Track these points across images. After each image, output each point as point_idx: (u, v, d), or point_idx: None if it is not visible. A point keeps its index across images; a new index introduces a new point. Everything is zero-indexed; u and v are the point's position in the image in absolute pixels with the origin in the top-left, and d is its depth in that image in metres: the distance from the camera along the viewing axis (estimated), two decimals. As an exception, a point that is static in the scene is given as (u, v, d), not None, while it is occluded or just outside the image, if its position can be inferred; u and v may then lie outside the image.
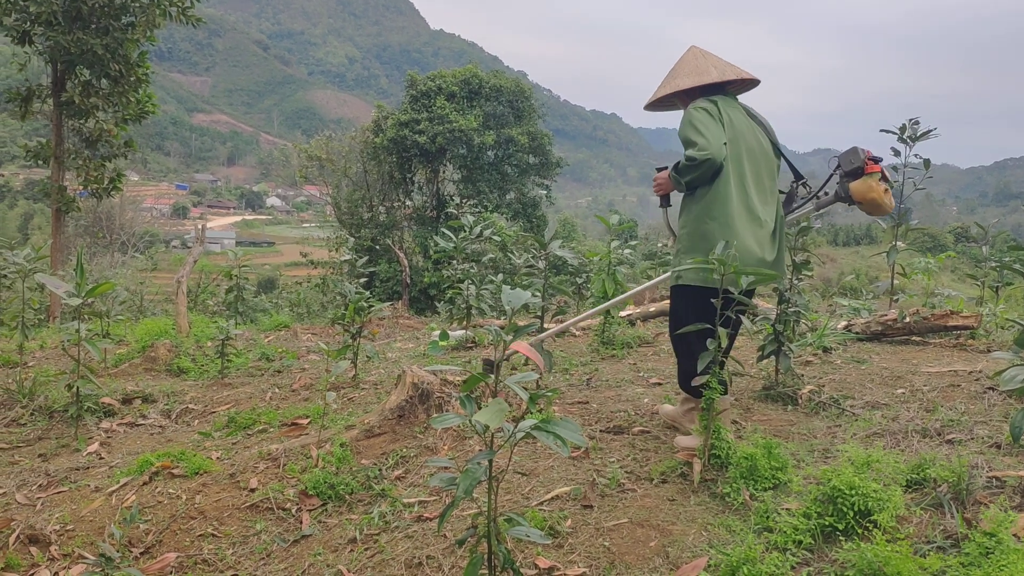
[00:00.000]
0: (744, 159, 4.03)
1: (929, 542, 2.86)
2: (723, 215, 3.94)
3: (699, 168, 3.88)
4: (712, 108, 3.99)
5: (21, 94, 15.18)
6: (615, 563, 3.07)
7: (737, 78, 4.18)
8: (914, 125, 7.29)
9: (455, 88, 29.14)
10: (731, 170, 3.96)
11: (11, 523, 3.83)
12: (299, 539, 3.64)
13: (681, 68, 4.24)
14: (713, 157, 3.83)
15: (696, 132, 3.91)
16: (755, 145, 4.11)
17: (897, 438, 4.02)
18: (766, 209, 4.08)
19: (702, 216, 3.99)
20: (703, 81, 4.12)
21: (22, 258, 6.29)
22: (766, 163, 4.16)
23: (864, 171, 4.08)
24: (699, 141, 3.87)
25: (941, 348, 6.20)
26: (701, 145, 3.85)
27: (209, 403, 5.79)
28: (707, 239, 3.93)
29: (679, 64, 4.28)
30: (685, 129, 3.98)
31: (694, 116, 3.96)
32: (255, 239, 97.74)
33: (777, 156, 4.26)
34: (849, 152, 4.14)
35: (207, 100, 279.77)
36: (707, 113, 3.96)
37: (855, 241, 65.97)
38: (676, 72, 4.25)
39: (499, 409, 2.27)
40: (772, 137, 4.25)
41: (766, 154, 4.17)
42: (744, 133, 4.07)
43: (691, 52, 4.30)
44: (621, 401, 5.07)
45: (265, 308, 15.28)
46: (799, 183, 4.44)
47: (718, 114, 3.98)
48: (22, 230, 51.21)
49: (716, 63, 4.20)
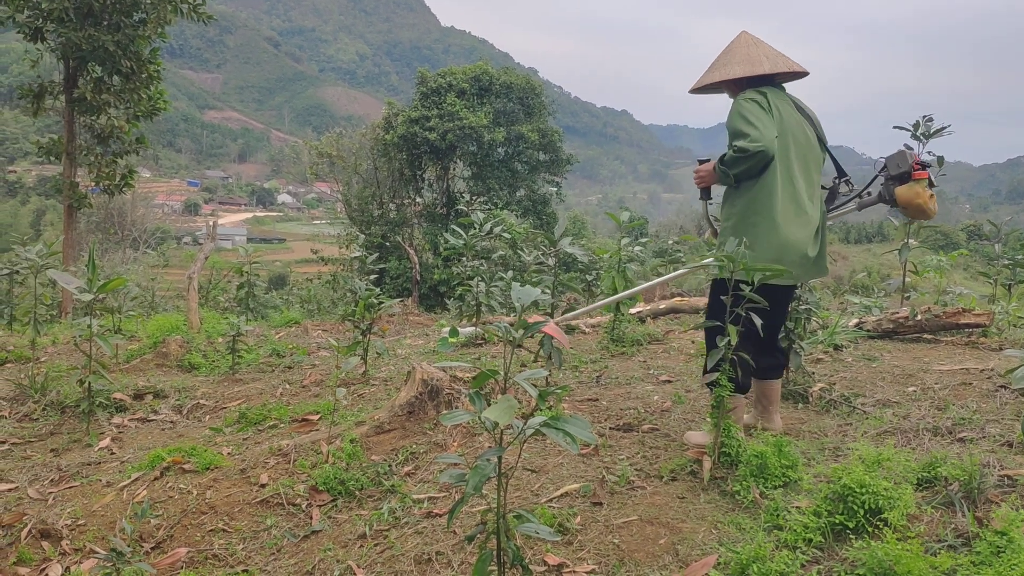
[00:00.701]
0: (792, 153, 3.98)
1: (940, 541, 2.84)
2: (769, 210, 3.90)
3: (750, 160, 3.82)
4: (763, 100, 3.93)
5: (33, 91, 15.25)
6: (624, 560, 3.07)
7: (788, 70, 4.10)
8: (928, 122, 7.25)
9: (465, 85, 29.15)
10: (779, 163, 3.91)
11: (23, 518, 3.86)
12: (309, 534, 3.65)
13: (733, 55, 4.14)
14: (765, 149, 3.77)
15: (747, 123, 3.84)
16: (802, 138, 4.06)
17: (908, 436, 4.01)
18: (812, 204, 4.04)
19: (747, 210, 3.95)
20: (755, 71, 4.04)
21: (34, 254, 6.32)
22: (813, 157, 4.11)
23: (911, 176, 4.03)
24: (751, 132, 3.80)
25: (953, 346, 6.17)
26: (753, 136, 3.79)
27: (220, 399, 5.81)
28: (752, 233, 3.89)
29: (730, 50, 4.18)
30: (734, 120, 3.92)
31: (744, 107, 3.90)
32: (266, 236, 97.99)
33: (823, 151, 4.22)
34: (897, 155, 4.06)
35: (218, 97, 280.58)
36: (758, 105, 3.90)
37: (867, 239, 65.76)
38: (728, 59, 4.15)
39: (508, 406, 2.27)
40: (819, 131, 4.20)
41: (813, 148, 4.12)
42: (792, 126, 4.01)
43: (742, 39, 4.20)
44: (631, 399, 5.07)
45: (276, 304, 15.34)
46: (842, 180, 4.37)
47: (768, 106, 3.91)
48: (34, 226, 51.49)
49: (768, 52, 4.11)
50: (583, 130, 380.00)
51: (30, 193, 71.98)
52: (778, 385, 4.23)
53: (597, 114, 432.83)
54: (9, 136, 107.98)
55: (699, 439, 4.01)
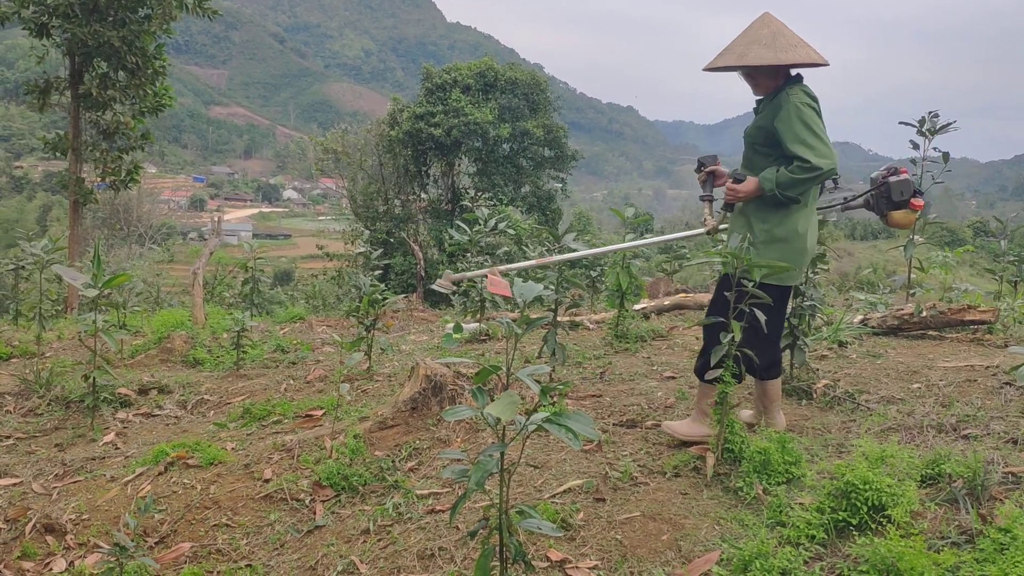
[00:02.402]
0: None
1: (943, 538, 2.84)
2: (802, 222, 3.89)
3: (817, 180, 3.69)
4: (817, 106, 3.77)
5: (39, 86, 15.28)
6: (627, 556, 3.07)
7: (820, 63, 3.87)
8: (933, 118, 7.23)
9: (471, 81, 29.12)
10: None
11: (27, 512, 3.87)
12: (312, 530, 3.66)
13: (784, 38, 3.80)
14: (834, 168, 3.68)
15: (815, 136, 3.66)
16: None
17: (912, 433, 4.00)
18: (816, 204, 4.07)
19: (782, 226, 3.86)
20: (812, 60, 3.78)
21: (39, 249, 6.33)
22: None
23: (909, 204, 4.04)
24: (818, 147, 3.64)
25: (958, 343, 6.16)
26: (822, 152, 3.63)
27: (224, 394, 5.82)
28: (784, 249, 3.86)
29: (780, 32, 3.83)
30: (798, 128, 3.67)
31: (807, 114, 3.69)
32: (272, 232, 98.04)
33: None
34: (902, 183, 4.06)
35: (224, 93, 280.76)
36: (817, 113, 3.74)
37: (872, 235, 65.55)
38: (781, 41, 3.78)
39: (511, 402, 2.27)
40: None
41: None
42: None
43: (775, 20, 3.91)
44: (634, 395, 5.06)
45: (281, 300, 15.37)
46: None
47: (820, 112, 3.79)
48: (40, 222, 51.54)
49: (800, 41, 3.86)
50: (588, 126, 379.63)
51: (36, 189, 72.10)
52: (779, 384, 4.20)
53: (603, 110, 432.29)
54: (15, 132, 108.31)
55: (682, 429, 4.03)
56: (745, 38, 3.87)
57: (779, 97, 3.83)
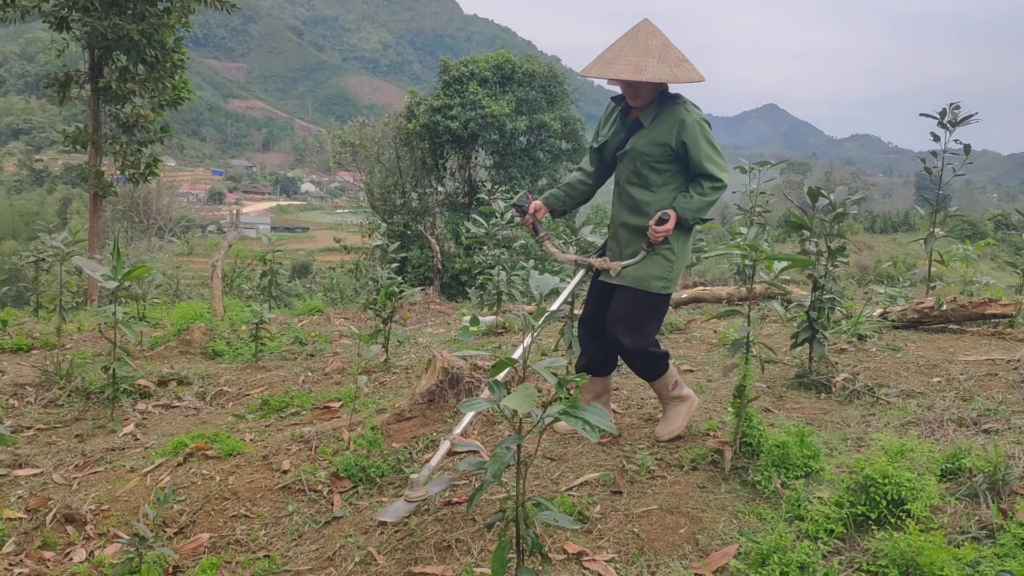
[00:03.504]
0: None
1: (963, 532, 2.82)
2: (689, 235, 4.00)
3: (722, 194, 3.80)
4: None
5: (59, 79, 15.39)
6: (644, 549, 3.07)
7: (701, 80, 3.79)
8: (955, 110, 7.16)
9: (488, 73, 29.06)
10: None
11: (48, 502, 3.91)
12: (330, 521, 3.67)
13: (671, 53, 3.70)
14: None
15: (717, 152, 3.76)
16: None
17: (932, 427, 3.97)
18: None
19: (691, 236, 4.03)
20: (699, 77, 3.72)
21: (60, 242, 6.39)
22: None
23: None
24: (721, 163, 3.74)
25: (978, 336, 6.10)
26: (724, 167, 3.75)
27: (243, 386, 5.85)
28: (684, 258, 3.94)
29: (668, 45, 3.71)
30: (705, 145, 3.71)
31: (709, 132, 3.76)
32: (290, 224, 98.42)
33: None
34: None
35: (242, 86, 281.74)
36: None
37: (892, 228, 65.07)
38: (669, 57, 3.67)
39: (528, 394, 2.27)
40: None
41: None
42: None
43: (658, 30, 3.77)
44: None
45: (299, 293, 15.41)
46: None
47: None
48: (61, 215, 52.01)
49: (683, 55, 3.76)
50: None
51: (56, 182, 72.64)
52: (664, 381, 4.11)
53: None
54: (36, 125, 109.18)
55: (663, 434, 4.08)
56: (634, 48, 3.68)
57: (675, 112, 3.75)
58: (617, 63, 3.65)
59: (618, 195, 3.98)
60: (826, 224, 4.77)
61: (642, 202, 3.86)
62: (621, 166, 3.94)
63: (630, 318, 3.91)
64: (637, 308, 3.93)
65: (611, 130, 4.00)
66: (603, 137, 4.03)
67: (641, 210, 3.86)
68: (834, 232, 4.80)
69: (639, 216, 3.87)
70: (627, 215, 3.93)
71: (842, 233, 4.85)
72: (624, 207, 3.95)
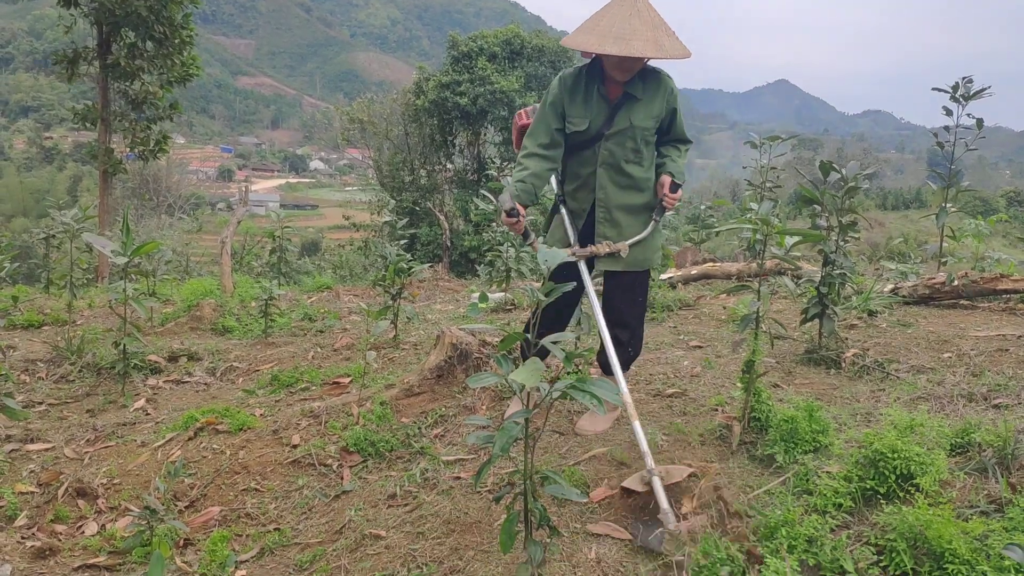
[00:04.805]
0: None
1: (972, 506, 2.81)
2: None
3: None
4: None
5: (68, 56, 15.39)
6: (652, 523, 3.07)
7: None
8: (967, 84, 7.09)
9: (497, 49, 28.88)
10: None
11: (60, 476, 3.94)
12: (340, 494, 3.69)
13: (667, 25, 3.50)
14: None
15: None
16: None
17: (942, 402, 3.96)
18: None
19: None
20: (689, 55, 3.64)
21: (70, 218, 6.40)
22: None
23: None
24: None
25: (990, 312, 6.07)
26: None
27: (253, 361, 5.87)
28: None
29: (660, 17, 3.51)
30: (681, 115, 3.85)
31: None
32: (299, 202, 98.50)
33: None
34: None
35: (251, 63, 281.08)
36: None
37: (904, 205, 64.62)
38: (670, 31, 3.48)
39: (535, 368, 2.27)
40: None
41: None
42: None
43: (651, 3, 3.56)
44: (661, 364, 5.05)
45: (308, 270, 15.44)
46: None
47: None
48: (71, 192, 52.07)
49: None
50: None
51: (66, 160, 72.73)
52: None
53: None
54: (45, 103, 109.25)
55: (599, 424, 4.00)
56: (644, 23, 3.43)
57: (660, 81, 3.66)
58: (635, 39, 3.38)
59: (608, 177, 3.74)
60: (837, 199, 4.74)
61: (640, 179, 3.74)
62: (608, 145, 3.69)
63: (642, 303, 3.89)
64: (645, 290, 3.93)
65: (592, 110, 3.67)
66: (582, 119, 3.67)
67: (638, 187, 3.76)
68: (845, 207, 4.77)
69: (637, 194, 3.76)
70: (623, 196, 3.76)
71: (853, 208, 4.82)
72: (618, 188, 3.75)
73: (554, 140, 3.71)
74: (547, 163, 3.71)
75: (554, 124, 3.69)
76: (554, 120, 3.69)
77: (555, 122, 3.69)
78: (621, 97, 3.65)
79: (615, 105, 3.66)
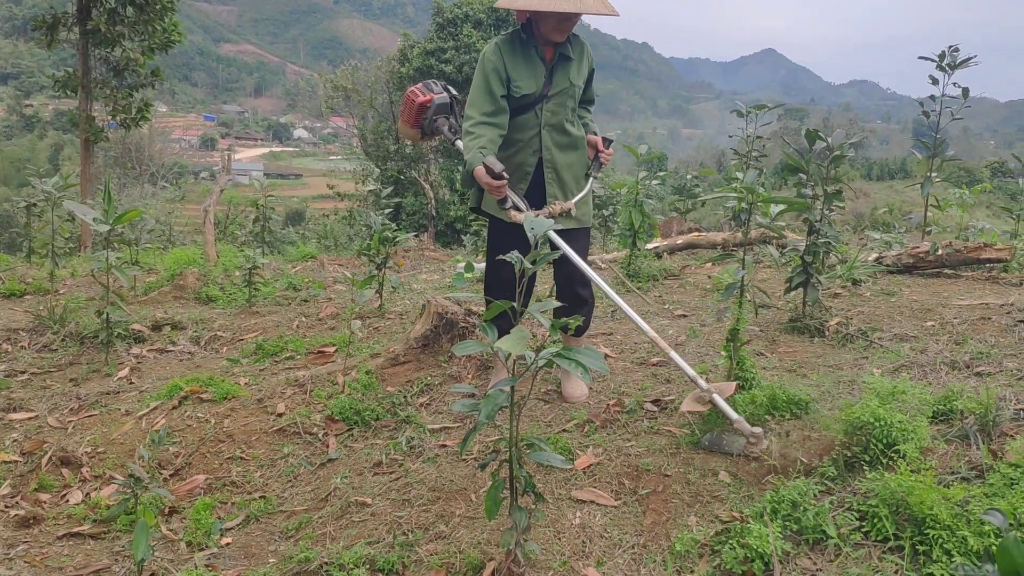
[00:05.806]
0: None
1: (953, 473, 2.84)
2: None
3: None
4: None
5: (47, 22, 15.14)
6: (636, 490, 3.09)
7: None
8: (953, 52, 7.08)
9: (482, 15, 28.62)
10: None
11: (43, 445, 3.92)
12: (325, 462, 3.69)
13: None
14: None
15: None
16: None
17: (925, 370, 3.98)
18: None
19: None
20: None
21: (51, 186, 6.33)
22: None
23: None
24: None
25: (973, 281, 6.11)
26: None
27: (237, 330, 5.85)
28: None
29: None
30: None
31: None
32: (283, 171, 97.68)
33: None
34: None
35: (233, 30, 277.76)
36: None
37: (889, 175, 64.79)
38: None
39: (521, 337, 2.26)
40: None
41: None
42: None
43: None
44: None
45: (292, 240, 15.38)
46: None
47: None
48: (52, 161, 51.50)
49: None
50: (602, 63, 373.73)
51: (47, 128, 71.73)
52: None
53: (617, 47, 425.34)
54: (24, 70, 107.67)
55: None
56: None
57: (581, 43, 3.85)
58: None
59: (551, 138, 3.77)
60: (823, 168, 4.74)
61: (577, 138, 3.86)
62: (550, 106, 3.74)
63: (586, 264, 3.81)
64: (587, 250, 4.03)
65: (533, 72, 3.70)
66: (527, 80, 3.68)
67: (576, 146, 3.86)
68: (831, 176, 4.77)
69: (574, 153, 3.87)
70: (564, 155, 3.82)
71: (839, 177, 4.82)
72: (559, 148, 3.79)
73: (500, 107, 3.67)
74: (497, 130, 3.66)
75: (499, 91, 3.65)
76: (498, 87, 3.65)
77: (500, 88, 3.65)
78: (556, 58, 3.74)
79: (552, 67, 3.75)
